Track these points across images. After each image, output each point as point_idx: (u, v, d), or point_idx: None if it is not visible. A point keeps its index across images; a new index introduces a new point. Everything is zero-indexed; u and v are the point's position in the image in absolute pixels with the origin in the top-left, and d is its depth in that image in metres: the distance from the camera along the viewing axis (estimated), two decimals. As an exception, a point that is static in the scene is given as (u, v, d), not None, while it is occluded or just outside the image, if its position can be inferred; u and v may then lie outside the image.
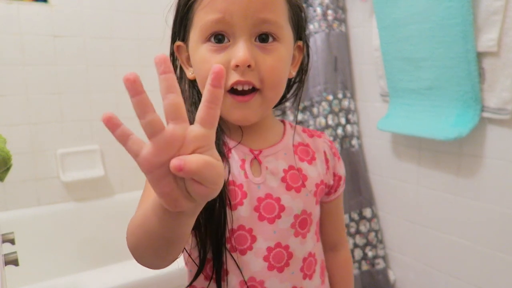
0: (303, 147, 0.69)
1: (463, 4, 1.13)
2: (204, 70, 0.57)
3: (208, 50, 0.57)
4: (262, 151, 0.65)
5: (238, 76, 0.56)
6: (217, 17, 0.55)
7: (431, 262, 1.48)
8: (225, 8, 0.55)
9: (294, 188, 0.64)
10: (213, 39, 0.57)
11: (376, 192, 1.64)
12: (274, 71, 0.58)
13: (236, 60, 0.55)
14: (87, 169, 1.81)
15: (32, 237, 1.65)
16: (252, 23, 0.56)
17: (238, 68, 0.55)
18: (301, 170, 0.66)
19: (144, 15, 1.87)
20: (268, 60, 0.57)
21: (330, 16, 1.55)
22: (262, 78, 0.57)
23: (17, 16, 1.60)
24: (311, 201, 0.66)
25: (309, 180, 0.66)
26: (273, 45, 0.58)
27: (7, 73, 1.61)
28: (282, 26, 0.58)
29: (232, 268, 0.61)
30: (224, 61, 0.56)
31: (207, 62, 0.57)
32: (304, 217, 0.66)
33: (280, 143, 0.67)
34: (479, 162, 1.29)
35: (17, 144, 1.65)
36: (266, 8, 0.56)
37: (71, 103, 1.76)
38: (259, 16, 0.55)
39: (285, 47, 0.59)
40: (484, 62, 1.19)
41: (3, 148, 0.85)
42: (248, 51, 0.55)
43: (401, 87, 1.41)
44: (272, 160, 0.65)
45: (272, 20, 0.57)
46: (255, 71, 0.57)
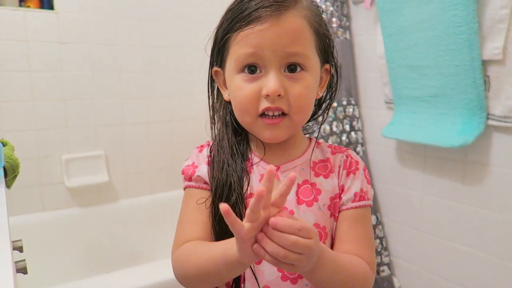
0: (323, 163, 0.72)
1: (468, 12, 1.14)
2: (239, 97, 0.65)
3: (242, 80, 0.64)
4: (280, 167, 0.70)
5: (268, 103, 0.63)
6: (250, 51, 0.62)
7: (436, 269, 1.48)
8: (256, 43, 0.61)
9: (306, 202, 0.68)
10: (247, 70, 0.64)
11: (380, 199, 1.64)
12: (301, 98, 0.64)
13: (267, 90, 0.61)
14: (92, 175, 1.81)
15: (37, 242, 1.65)
16: (281, 56, 0.62)
17: (269, 97, 0.62)
18: (315, 184, 0.69)
19: (148, 21, 1.89)
20: (296, 87, 0.63)
21: (335, 24, 1.56)
22: (290, 104, 0.63)
23: (23, 23, 1.61)
24: (324, 214, 0.68)
25: (323, 194, 0.69)
26: (301, 74, 0.64)
27: (13, 79, 1.62)
28: (309, 57, 0.64)
29: (248, 276, 0.66)
30: (256, 90, 0.63)
31: (241, 90, 0.64)
32: (318, 231, 0.65)
33: (299, 158, 0.71)
34: (485, 169, 1.29)
35: (23, 150, 1.65)
36: (294, 42, 0.62)
37: (76, 109, 1.76)
38: (287, 50, 0.61)
39: (312, 74, 0.65)
40: (489, 70, 1.19)
41: (11, 155, 0.86)
42: (278, 81, 0.61)
43: (406, 95, 1.41)
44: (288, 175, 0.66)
45: (300, 53, 0.62)
46: (284, 98, 0.63)
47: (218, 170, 0.69)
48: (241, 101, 0.64)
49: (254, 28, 0.61)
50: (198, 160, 0.73)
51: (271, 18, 0.60)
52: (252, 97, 0.63)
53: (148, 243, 1.91)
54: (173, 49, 1.97)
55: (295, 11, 0.62)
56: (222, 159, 0.69)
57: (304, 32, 0.63)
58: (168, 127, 2.01)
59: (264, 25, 0.60)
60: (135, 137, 1.92)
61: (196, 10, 2.00)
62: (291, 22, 0.61)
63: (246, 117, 0.66)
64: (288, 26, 0.61)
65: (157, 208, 1.95)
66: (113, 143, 1.87)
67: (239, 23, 0.62)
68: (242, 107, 0.65)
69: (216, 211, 0.67)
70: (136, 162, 1.94)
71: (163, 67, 1.96)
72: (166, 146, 2.01)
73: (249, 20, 0.61)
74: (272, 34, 0.60)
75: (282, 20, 0.61)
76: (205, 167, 0.72)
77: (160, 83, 1.96)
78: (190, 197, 0.72)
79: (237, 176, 0.68)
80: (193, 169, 0.72)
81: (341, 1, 1.58)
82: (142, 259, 1.86)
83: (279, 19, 0.60)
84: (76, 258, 1.76)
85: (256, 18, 0.60)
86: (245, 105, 0.64)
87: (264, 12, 0.60)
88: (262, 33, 0.60)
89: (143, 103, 1.92)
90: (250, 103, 0.63)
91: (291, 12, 0.61)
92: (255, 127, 0.66)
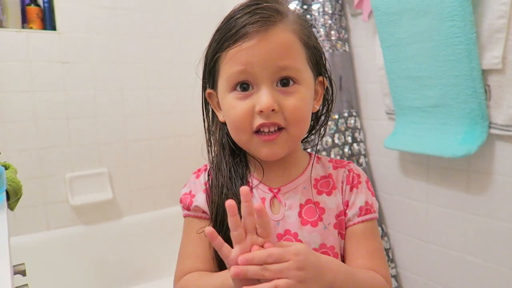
0: (325, 180, 0.70)
1: (465, 23, 1.14)
2: (232, 115, 0.64)
3: (235, 98, 0.63)
4: (280, 189, 0.68)
5: (263, 120, 0.61)
6: (240, 69, 0.61)
7: (443, 281, 1.46)
8: (246, 60, 0.60)
9: (310, 222, 0.66)
10: (239, 88, 0.63)
11: (385, 210, 1.63)
12: (297, 111, 0.62)
13: (260, 106, 0.60)
14: (96, 192, 1.82)
15: (42, 261, 1.65)
16: (272, 71, 0.61)
17: (263, 113, 0.61)
18: (318, 203, 0.67)
19: (149, 39, 1.91)
20: (291, 101, 0.62)
21: (334, 37, 1.57)
22: (286, 118, 0.62)
23: (26, 44, 1.64)
24: (331, 234, 0.67)
25: (328, 212, 0.67)
26: (294, 88, 0.63)
27: (17, 100, 1.64)
28: (300, 70, 0.63)
29: None
30: (250, 107, 0.62)
31: (234, 108, 0.63)
32: (325, 251, 0.66)
33: (300, 177, 0.69)
34: (489, 178, 1.28)
35: (27, 169, 1.66)
36: (284, 56, 0.61)
37: (79, 128, 1.78)
38: (278, 65, 0.61)
39: (306, 87, 0.64)
40: (489, 79, 1.19)
41: (14, 178, 0.86)
42: (271, 96, 0.60)
43: (406, 105, 1.41)
44: (290, 196, 0.67)
45: (291, 66, 0.62)
46: (279, 112, 0.61)
47: (217, 195, 0.68)
48: (235, 120, 0.63)
49: (242, 46, 0.60)
50: (195, 188, 0.72)
51: (259, 34, 0.59)
52: (245, 114, 0.62)
53: (153, 259, 1.90)
54: (174, 65, 1.99)
55: (282, 25, 0.61)
56: (221, 183, 0.68)
57: (294, 45, 0.62)
58: (171, 143, 2.01)
59: (252, 42, 0.60)
60: (138, 153, 1.93)
61: (195, 26, 2.02)
62: (279, 36, 0.60)
63: (241, 135, 0.64)
64: (277, 41, 0.60)
65: (162, 224, 1.95)
66: (116, 160, 1.88)
67: (227, 42, 0.62)
68: (236, 125, 0.64)
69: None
70: (139, 178, 1.94)
71: (165, 83, 1.97)
72: (169, 162, 2.02)
73: (236, 38, 0.60)
74: (261, 49, 0.60)
75: (270, 35, 0.60)
76: (202, 196, 0.71)
77: (162, 99, 1.97)
78: (189, 227, 0.71)
79: (237, 201, 0.65)
80: (190, 198, 0.72)
81: (339, 14, 1.59)
82: (148, 276, 1.85)
83: (266, 34, 0.60)
84: (82, 276, 1.75)
85: (244, 35, 0.60)
86: (239, 123, 0.63)
87: (251, 28, 0.59)
88: (250, 49, 0.60)
89: (145, 120, 1.93)
90: (244, 121, 0.62)
91: (278, 27, 0.61)
92: (252, 145, 0.64)
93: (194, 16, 2.02)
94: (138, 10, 1.87)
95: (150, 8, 1.90)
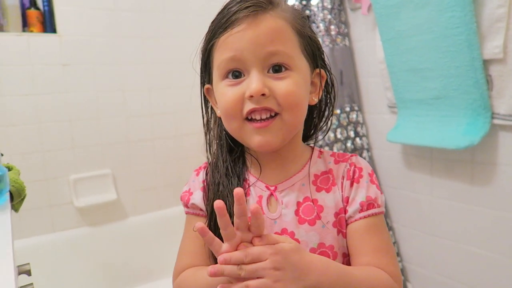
0: (325, 176, 0.67)
1: (465, 13, 1.14)
2: (223, 102, 0.62)
3: (226, 85, 0.62)
4: (277, 187, 0.66)
5: (253, 105, 0.59)
6: (230, 56, 0.60)
7: (450, 273, 1.45)
8: (236, 47, 0.59)
9: (308, 221, 0.64)
10: (231, 76, 0.62)
11: (389, 204, 1.62)
12: (290, 94, 0.60)
13: (250, 91, 0.59)
14: (100, 194, 1.82)
15: (47, 263, 1.66)
16: (262, 57, 0.59)
17: (253, 98, 0.59)
18: (317, 201, 0.65)
19: (149, 39, 1.91)
20: (282, 84, 0.60)
21: (333, 32, 1.56)
22: (279, 103, 0.60)
23: (27, 47, 1.64)
24: (330, 233, 0.64)
25: (326, 210, 0.64)
26: (286, 73, 0.60)
27: (19, 103, 1.65)
28: (292, 56, 0.61)
29: None
30: (240, 93, 0.60)
31: (224, 95, 0.62)
32: (324, 251, 0.63)
33: (298, 174, 0.67)
34: (493, 169, 1.27)
35: (31, 172, 1.67)
36: (274, 41, 0.59)
37: (82, 129, 1.78)
38: (267, 50, 0.59)
39: (299, 74, 0.62)
40: (491, 69, 1.18)
41: (17, 179, 0.87)
42: (261, 81, 0.59)
43: (408, 98, 1.40)
44: (287, 194, 0.66)
45: (281, 51, 0.60)
46: (270, 97, 0.59)
47: (213, 192, 0.67)
48: (225, 106, 0.62)
49: (232, 31, 0.60)
50: (194, 186, 0.72)
51: (248, 19, 0.59)
52: (236, 100, 0.60)
53: (158, 259, 1.91)
54: (175, 65, 1.99)
55: (273, 13, 0.60)
56: (217, 180, 0.67)
57: (284, 31, 0.61)
58: (174, 143, 2.02)
59: (241, 27, 0.59)
60: (141, 154, 1.93)
61: (196, 26, 2.02)
62: (269, 22, 0.60)
63: (232, 122, 0.62)
64: (266, 25, 0.59)
65: (166, 224, 1.95)
66: (120, 161, 1.88)
67: (219, 29, 0.61)
68: (227, 112, 0.62)
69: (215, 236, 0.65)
70: (143, 179, 1.95)
71: (166, 83, 1.97)
72: (172, 162, 2.02)
73: (227, 25, 0.60)
74: (250, 34, 0.59)
75: (259, 20, 0.59)
76: (199, 193, 0.70)
77: (163, 99, 1.97)
78: (189, 224, 0.71)
79: (232, 199, 0.62)
80: (189, 196, 0.72)
81: (339, 9, 1.58)
82: (153, 276, 1.85)
83: (256, 20, 0.59)
84: (87, 277, 1.76)
85: (234, 21, 0.60)
86: (229, 109, 0.61)
87: (241, 14, 0.59)
88: (240, 34, 0.59)
89: (147, 120, 1.93)
90: (234, 106, 0.60)
91: (269, 14, 0.60)
92: (244, 133, 0.62)
93: (194, 16, 2.02)
94: (138, 11, 1.87)
95: (149, 8, 1.90)
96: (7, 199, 0.80)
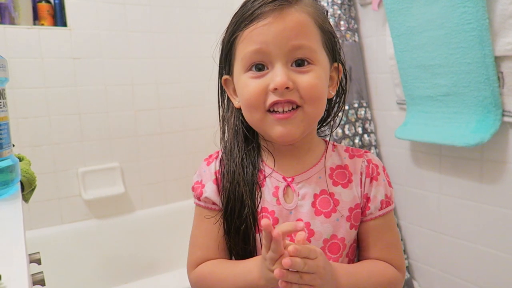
0: (341, 170, 0.70)
1: (478, 9, 1.12)
2: (245, 93, 0.63)
3: (249, 77, 0.63)
4: (294, 178, 0.68)
5: (277, 97, 0.60)
6: (255, 48, 0.61)
7: (456, 272, 1.44)
8: (261, 40, 0.60)
9: (324, 213, 0.66)
10: (254, 68, 0.63)
11: (397, 201, 1.62)
12: (313, 87, 0.61)
13: (274, 84, 0.60)
14: (108, 187, 1.84)
15: (55, 255, 1.68)
16: (287, 50, 0.60)
17: (277, 91, 0.60)
18: (333, 194, 0.67)
19: (158, 34, 1.91)
20: (306, 78, 0.61)
21: (343, 27, 1.56)
22: (302, 96, 0.61)
23: (38, 40, 1.66)
24: (343, 226, 0.67)
25: (341, 205, 0.67)
26: (309, 67, 0.62)
27: (29, 96, 1.66)
28: (315, 51, 0.62)
29: None
30: (264, 85, 0.61)
31: (247, 86, 0.63)
32: (335, 242, 0.66)
33: (315, 167, 0.69)
34: (502, 167, 1.26)
35: (40, 165, 1.69)
36: (299, 35, 0.60)
37: (91, 123, 1.80)
38: (292, 43, 0.60)
39: (321, 68, 0.63)
40: (502, 66, 1.17)
41: (28, 170, 0.88)
42: (285, 74, 0.60)
43: (418, 95, 1.39)
44: (304, 186, 0.67)
45: (306, 46, 0.61)
46: (293, 90, 0.61)
47: (229, 181, 0.68)
48: (248, 97, 0.63)
49: (258, 24, 0.60)
50: (206, 178, 0.72)
51: (274, 13, 0.60)
52: (259, 92, 0.61)
53: (165, 252, 1.92)
54: (184, 60, 2.00)
55: (297, 7, 0.62)
56: (233, 169, 0.68)
57: (309, 26, 0.62)
58: (182, 137, 2.03)
59: (267, 20, 0.60)
60: (149, 148, 1.94)
61: (205, 21, 2.02)
62: (294, 16, 0.61)
63: (254, 113, 0.63)
64: (292, 19, 0.60)
65: (173, 218, 1.97)
66: (128, 154, 1.89)
67: (243, 22, 0.62)
68: (250, 103, 0.63)
69: (230, 227, 0.67)
70: (151, 172, 1.96)
71: (175, 78, 1.98)
72: (180, 156, 2.03)
73: (252, 18, 0.61)
74: (276, 28, 0.60)
75: (285, 14, 0.60)
76: (212, 186, 0.70)
77: (172, 94, 1.98)
78: (200, 217, 0.72)
79: (248, 188, 0.66)
80: (201, 188, 0.72)
81: (349, 4, 1.57)
82: (159, 268, 1.87)
83: (281, 13, 0.60)
84: (94, 269, 1.77)
85: (259, 15, 0.60)
86: (253, 100, 0.62)
87: (267, 8, 0.60)
88: (265, 28, 0.60)
89: (156, 114, 1.94)
90: (257, 97, 0.61)
91: (293, 8, 0.61)
92: (266, 124, 0.63)
93: (203, 10, 2.03)
94: (148, 5, 1.88)
95: (159, 3, 1.91)
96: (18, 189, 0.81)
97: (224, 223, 0.68)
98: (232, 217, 0.66)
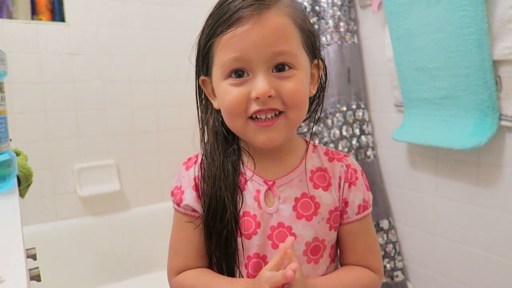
0: (321, 173, 0.69)
1: (477, 13, 1.13)
2: (226, 101, 0.61)
3: (229, 85, 0.61)
4: (275, 182, 0.67)
5: (259, 106, 0.59)
6: (235, 56, 0.59)
7: (451, 274, 1.45)
8: (241, 47, 0.58)
9: (305, 216, 0.66)
10: (234, 75, 0.61)
11: (393, 203, 1.62)
12: (296, 94, 0.60)
13: (256, 93, 0.58)
14: (104, 184, 1.83)
15: (50, 251, 1.67)
16: (268, 57, 0.59)
17: (259, 100, 0.59)
18: (314, 198, 0.67)
19: (157, 31, 1.91)
20: (288, 84, 0.60)
21: (342, 28, 1.56)
22: (285, 102, 0.60)
23: (35, 35, 1.65)
24: (323, 228, 0.67)
25: (322, 207, 0.67)
26: (290, 72, 0.60)
27: (26, 91, 1.65)
28: (296, 55, 0.61)
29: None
30: (245, 93, 0.60)
31: (228, 94, 0.61)
32: (317, 244, 0.67)
33: (296, 170, 0.68)
34: (499, 171, 1.27)
35: (36, 160, 1.67)
36: (279, 41, 0.59)
37: (88, 119, 1.79)
38: (273, 50, 0.58)
39: (302, 71, 0.62)
40: (500, 70, 1.18)
41: (24, 165, 0.87)
42: (267, 83, 0.58)
43: (416, 97, 1.40)
44: (285, 189, 0.67)
45: (286, 51, 0.59)
46: (276, 97, 0.59)
47: (210, 185, 0.67)
48: (229, 105, 0.61)
49: (236, 31, 0.58)
50: (185, 184, 0.70)
51: (252, 18, 0.57)
52: (240, 100, 0.60)
53: (160, 250, 1.91)
54: (182, 58, 1.99)
55: (276, 9, 0.59)
56: (214, 173, 0.66)
57: (289, 29, 0.60)
58: (179, 135, 2.02)
59: (245, 26, 0.57)
60: (145, 145, 1.93)
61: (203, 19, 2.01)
62: (274, 20, 0.58)
63: (236, 121, 0.62)
64: (271, 25, 0.58)
65: (169, 216, 1.95)
66: (124, 152, 1.88)
67: (220, 27, 0.60)
68: (231, 111, 0.61)
69: (211, 232, 0.66)
70: (147, 170, 1.95)
71: (173, 76, 1.97)
72: (176, 154, 2.02)
73: (230, 23, 0.58)
74: (255, 34, 0.57)
75: (264, 19, 0.58)
76: (191, 193, 0.69)
77: (169, 92, 1.97)
78: (180, 223, 0.71)
79: (229, 193, 0.65)
80: (180, 195, 0.70)
81: (349, 6, 1.58)
82: (154, 267, 1.86)
83: (260, 18, 0.57)
84: (89, 266, 1.76)
85: (237, 20, 0.58)
86: (234, 108, 0.60)
87: (245, 12, 0.57)
88: (245, 34, 0.58)
89: (153, 112, 1.94)
90: (239, 105, 0.60)
91: (272, 10, 0.58)
92: (248, 131, 0.62)
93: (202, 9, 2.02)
94: (147, 2, 1.87)
95: (158, 0, 1.90)
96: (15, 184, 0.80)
97: (204, 228, 0.67)
98: (214, 222, 0.66)
